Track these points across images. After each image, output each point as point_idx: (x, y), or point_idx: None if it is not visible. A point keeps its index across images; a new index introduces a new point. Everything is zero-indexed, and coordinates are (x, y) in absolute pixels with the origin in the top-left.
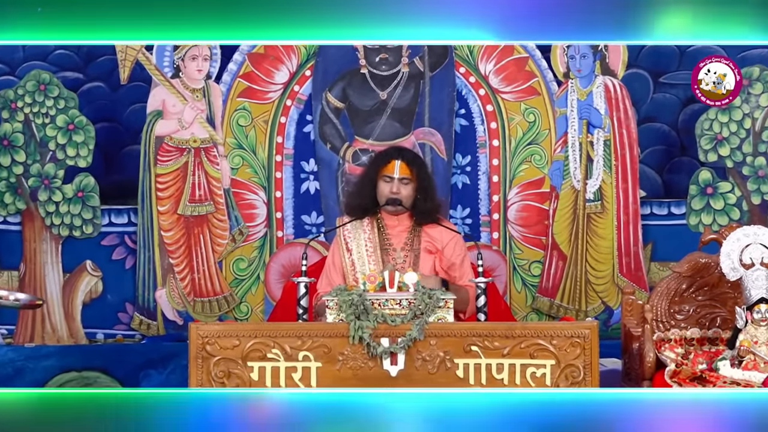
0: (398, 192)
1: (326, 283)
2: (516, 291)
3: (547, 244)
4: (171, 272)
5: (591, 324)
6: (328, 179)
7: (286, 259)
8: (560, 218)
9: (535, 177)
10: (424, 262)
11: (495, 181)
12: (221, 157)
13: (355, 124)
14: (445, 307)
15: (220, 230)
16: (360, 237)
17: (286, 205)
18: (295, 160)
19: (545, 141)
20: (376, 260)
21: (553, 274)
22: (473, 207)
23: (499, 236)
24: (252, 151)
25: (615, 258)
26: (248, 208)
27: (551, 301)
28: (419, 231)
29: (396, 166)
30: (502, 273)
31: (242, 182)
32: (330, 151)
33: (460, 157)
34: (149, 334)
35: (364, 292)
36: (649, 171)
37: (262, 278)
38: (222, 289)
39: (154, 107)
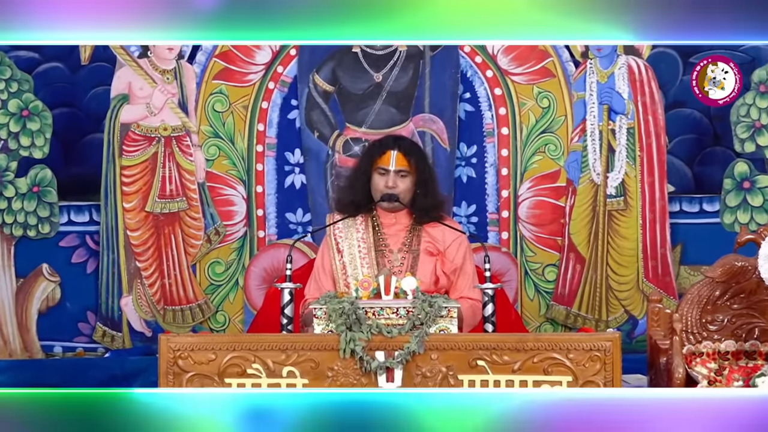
0: (395, 186)
1: (314, 289)
2: (528, 298)
3: (563, 245)
4: (138, 277)
5: (612, 336)
6: (316, 172)
7: (268, 262)
8: (578, 216)
9: (550, 169)
10: (423, 265)
11: (504, 175)
12: (195, 147)
13: (347, 110)
14: (448, 316)
15: (193, 230)
16: (352, 237)
17: (269, 201)
18: (279, 151)
19: (561, 129)
20: (370, 263)
21: (569, 279)
22: (479, 203)
23: (508, 236)
24: (230, 141)
25: (640, 261)
26: (225, 204)
27: (568, 310)
28: (419, 230)
29: (392, 157)
30: (512, 278)
31: (219, 175)
32: (318, 140)
33: (464, 147)
34: (113, 347)
35: (357, 299)
36: (678, 163)
37: (242, 284)
38: (196, 297)
39: (119, 91)
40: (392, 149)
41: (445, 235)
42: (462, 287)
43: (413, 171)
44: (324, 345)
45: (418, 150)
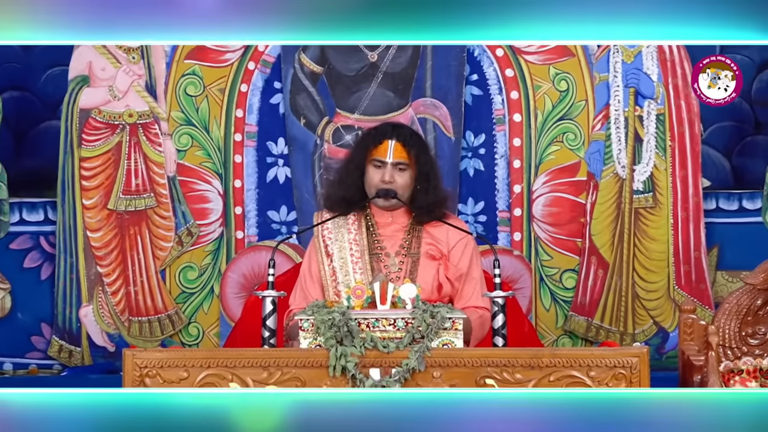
0: (392, 181)
1: (300, 297)
2: (543, 308)
3: (583, 247)
4: (99, 284)
5: (640, 350)
6: (302, 164)
7: (247, 267)
8: (600, 215)
9: (569, 161)
10: (424, 270)
11: (516, 167)
12: (164, 136)
13: (337, 94)
14: (453, 328)
15: (162, 230)
16: (343, 238)
17: (248, 197)
18: (260, 140)
19: (581, 115)
20: (363, 268)
21: (590, 286)
22: (488, 200)
23: (521, 238)
24: (204, 129)
25: (671, 266)
26: (199, 201)
27: (588, 322)
28: (419, 231)
29: (389, 148)
30: (525, 285)
31: (192, 168)
32: (304, 128)
33: (471, 136)
34: (72, 363)
35: (349, 309)
36: (714, 154)
37: (217, 292)
38: (165, 306)
39: (78, 72)
40: (389, 139)
41: (449, 236)
42: (468, 295)
43: (413, 164)
44: (311, 361)
45: (419, 140)
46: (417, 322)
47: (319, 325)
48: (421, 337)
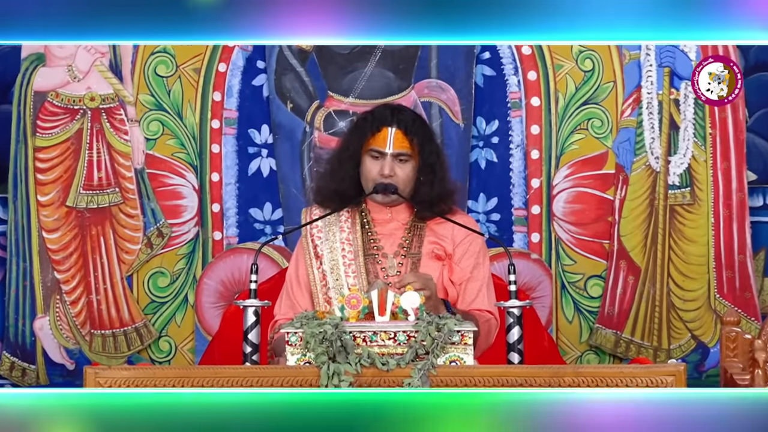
0: (392, 174)
1: (286, 307)
2: (566, 320)
3: (611, 250)
4: (57, 292)
5: (676, 368)
6: (290, 155)
7: (226, 272)
8: (631, 213)
9: (594, 152)
10: (426, 271)
11: (535, 159)
12: (131, 123)
13: (329, 75)
14: (462, 343)
15: (129, 230)
16: (335, 238)
17: (227, 193)
18: (241, 128)
19: (608, 99)
20: (357, 271)
21: (619, 295)
22: (503, 196)
23: (540, 239)
24: (177, 114)
25: (711, 271)
26: (171, 197)
27: (617, 335)
28: (421, 228)
29: (389, 136)
30: (545, 293)
31: (162, 159)
32: (292, 113)
33: (482, 122)
34: (25, 383)
35: (342, 320)
36: (761, 143)
37: (192, 301)
38: (132, 318)
39: (33, 49)
40: (389, 125)
41: (454, 233)
42: (471, 297)
43: (416, 154)
44: (300, 380)
45: (423, 126)
46: (421, 336)
47: (309, 339)
48: (426, 353)
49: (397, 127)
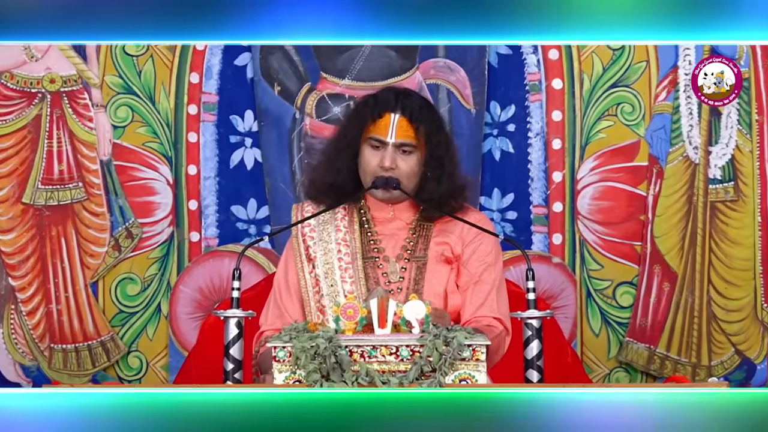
0: (393, 167)
1: (274, 317)
2: (592, 333)
3: (643, 253)
4: (12, 301)
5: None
6: (277, 145)
7: (205, 278)
8: (666, 210)
9: (625, 141)
10: (434, 276)
11: (556, 149)
12: (97, 109)
13: (322, 54)
14: (474, 359)
15: (94, 230)
16: (330, 239)
17: (206, 188)
18: (222, 114)
19: (641, 81)
20: (354, 276)
21: (653, 304)
22: (520, 192)
23: (563, 241)
24: (148, 99)
25: (758, 277)
26: (142, 193)
27: (651, 350)
28: (428, 229)
29: (391, 124)
30: (568, 302)
31: (132, 150)
32: (280, 97)
33: (497, 108)
34: None
35: (337, 333)
36: None
37: (166, 311)
38: (98, 330)
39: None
40: (393, 111)
41: (463, 233)
42: (477, 301)
43: (422, 145)
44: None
45: (432, 113)
46: (427, 351)
47: (299, 355)
48: (432, 370)
49: (401, 114)
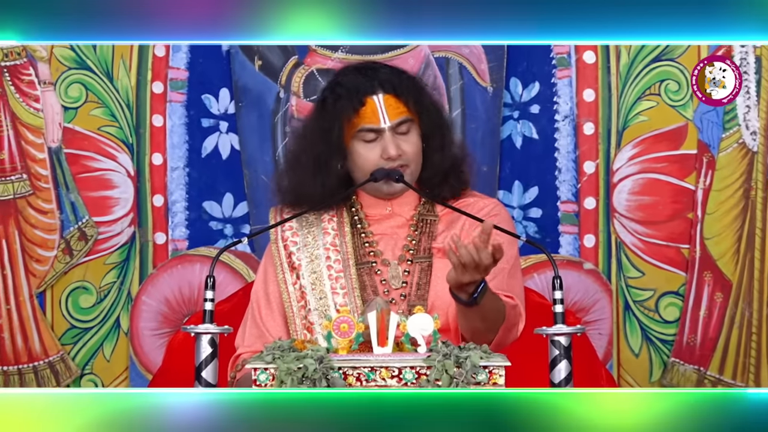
0: (400, 152)
1: (252, 336)
2: (631, 352)
3: (692, 258)
4: None
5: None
6: (258, 130)
7: (172, 288)
8: (719, 207)
9: (669, 125)
10: (441, 280)
11: (588, 134)
12: (44, 87)
13: None
14: (490, 382)
15: (41, 231)
16: (316, 244)
17: (174, 180)
18: (192, 93)
19: (688, 54)
20: (348, 288)
21: (704, 318)
22: (545, 185)
23: (596, 243)
24: (105, 75)
25: None
26: (98, 186)
27: (701, 373)
28: (432, 224)
29: (379, 106)
30: (603, 317)
31: (86, 136)
32: (261, 73)
33: (518, 85)
34: None
35: (330, 352)
36: None
37: (126, 327)
38: (45, 349)
39: None
40: (373, 93)
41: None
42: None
43: (415, 114)
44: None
45: (410, 78)
46: (435, 374)
47: (284, 378)
48: None
49: (384, 92)
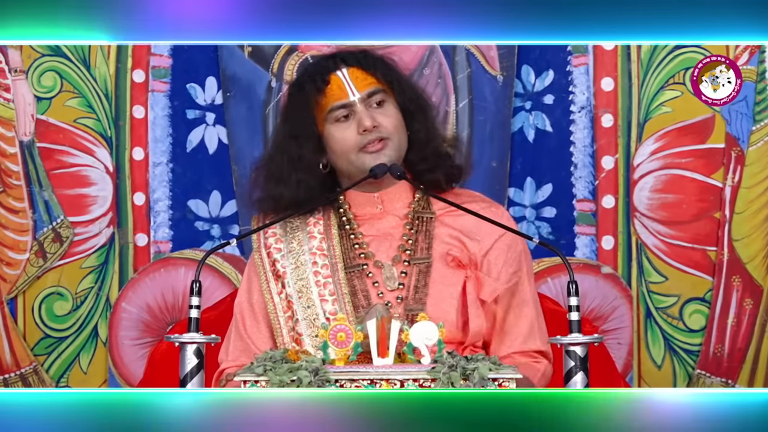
0: (375, 123)
1: (237, 349)
2: (653, 363)
3: (719, 261)
4: None
5: None
6: (247, 123)
7: (155, 294)
8: (749, 206)
9: (695, 117)
10: (443, 283)
11: (607, 127)
12: (15, 75)
13: None
14: None
15: (12, 232)
16: (301, 249)
17: (156, 177)
18: (176, 82)
19: None
20: (338, 294)
21: (732, 327)
22: (560, 183)
23: (615, 245)
24: (82, 62)
25: None
26: (74, 183)
27: (729, 386)
28: (429, 222)
29: (344, 79)
30: (623, 325)
31: (61, 128)
32: (251, 60)
33: (531, 74)
34: None
35: (325, 364)
36: None
37: (105, 336)
38: (16, 360)
39: None
40: (336, 69)
41: (481, 228)
42: (516, 333)
43: (387, 86)
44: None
45: (381, 59)
46: (440, 387)
47: None
48: None
49: (348, 65)
